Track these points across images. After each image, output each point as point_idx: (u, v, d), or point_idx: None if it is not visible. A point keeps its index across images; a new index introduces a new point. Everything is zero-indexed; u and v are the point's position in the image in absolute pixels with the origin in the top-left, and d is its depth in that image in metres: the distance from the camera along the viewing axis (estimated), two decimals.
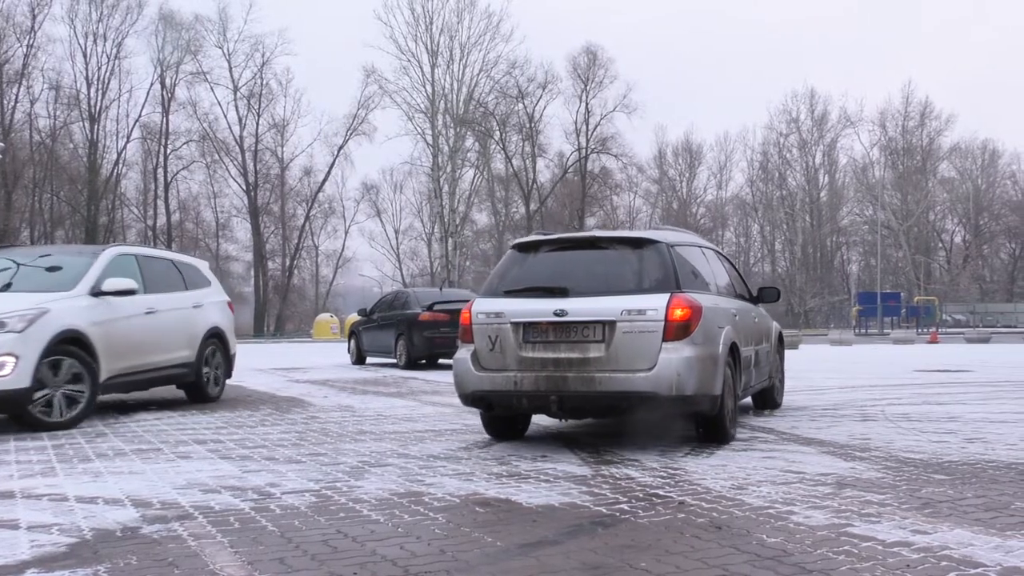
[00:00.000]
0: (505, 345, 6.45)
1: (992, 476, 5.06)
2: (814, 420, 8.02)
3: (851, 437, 6.81)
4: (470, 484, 5.08)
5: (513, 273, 6.80)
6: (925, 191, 78.91)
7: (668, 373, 6.04)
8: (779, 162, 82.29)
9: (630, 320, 6.15)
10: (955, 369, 15.50)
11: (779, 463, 5.64)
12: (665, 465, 5.62)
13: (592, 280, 6.47)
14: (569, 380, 6.19)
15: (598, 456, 6.06)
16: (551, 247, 6.86)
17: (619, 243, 6.71)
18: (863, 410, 8.81)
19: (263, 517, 4.29)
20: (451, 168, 61.89)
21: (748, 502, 4.45)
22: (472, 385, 6.57)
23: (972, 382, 12.47)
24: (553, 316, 6.30)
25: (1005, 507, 4.24)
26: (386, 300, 20.22)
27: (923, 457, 5.77)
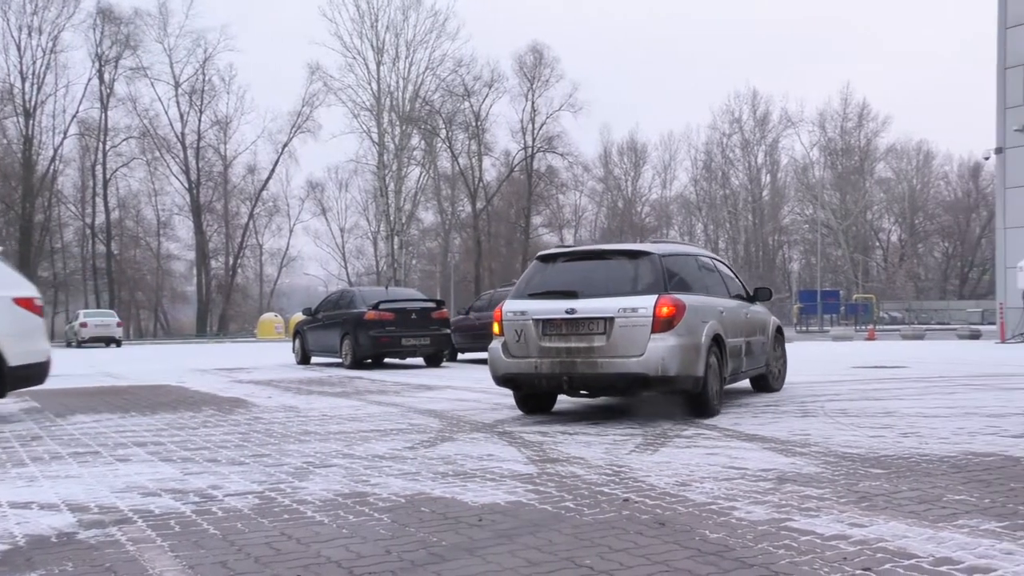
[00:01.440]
0: (528, 337, 8.16)
1: (926, 469, 5.20)
2: (756, 416, 8.15)
3: (791, 433, 6.94)
4: (416, 484, 5.07)
5: (536, 279, 8.53)
6: (863, 191, 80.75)
7: (655, 358, 7.69)
8: (722, 162, 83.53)
9: (625, 316, 7.80)
10: (891, 365, 15.88)
11: (722, 459, 5.72)
12: (610, 463, 5.67)
13: (597, 285, 8.12)
14: (577, 364, 7.89)
15: (544, 455, 6.08)
16: (567, 258, 8.58)
17: (620, 255, 8.41)
18: (803, 406, 8.98)
19: (205, 520, 4.23)
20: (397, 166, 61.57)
21: (691, 498, 4.51)
22: (503, 369, 8.32)
23: (907, 378, 12.78)
24: (565, 314, 7.99)
25: (938, 499, 4.36)
26: (331, 299, 20.06)
27: (860, 452, 5.90)
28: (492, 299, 20.19)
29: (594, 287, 8.11)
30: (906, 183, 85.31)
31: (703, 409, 8.13)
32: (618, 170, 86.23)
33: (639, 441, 6.65)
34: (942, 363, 16.44)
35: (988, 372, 13.57)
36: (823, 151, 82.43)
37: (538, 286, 8.44)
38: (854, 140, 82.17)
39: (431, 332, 17.88)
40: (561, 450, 6.26)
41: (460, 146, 68.75)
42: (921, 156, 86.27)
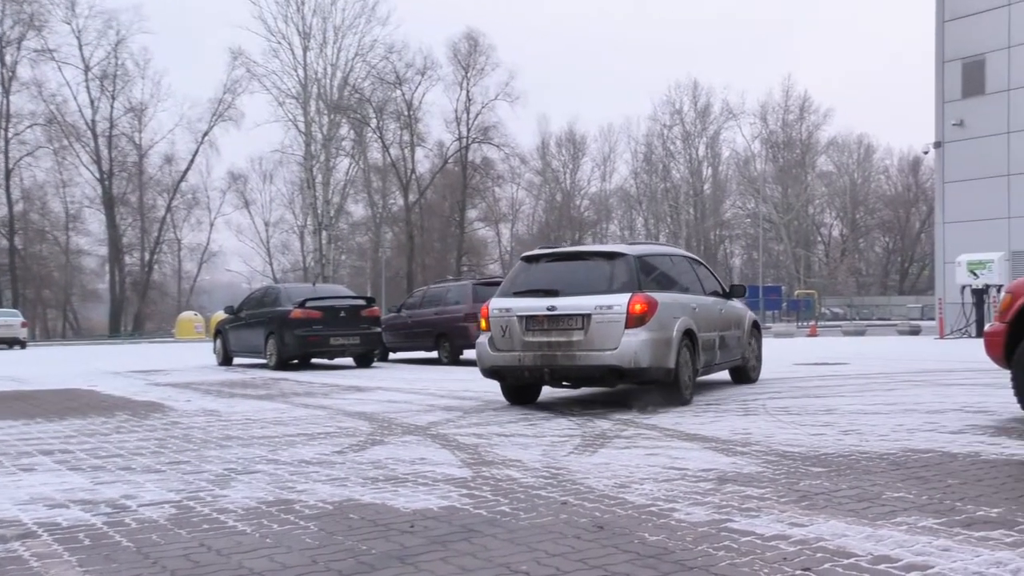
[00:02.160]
0: (513, 332, 9.15)
1: (865, 467, 5.34)
2: (697, 416, 8.28)
3: (733, 432, 7.06)
4: (344, 490, 5.03)
5: (520, 278, 9.53)
6: (804, 184, 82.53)
7: (628, 351, 8.67)
8: (663, 154, 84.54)
9: (601, 313, 8.79)
10: (833, 362, 16.27)
11: (662, 460, 5.79)
12: (548, 465, 5.70)
13: (576, 284, 9.13)
14: (558, 357, 8.88)
15: (479, 457, 6.09)
16: (549, 259, 9.61)
17: (597, 256, 9.48)
18: (745, 404, 9.15)
19: (117, 532, 4.13)
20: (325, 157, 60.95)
21: (631, 500, 4.56)
22: (489, 362, 9.33)
23: (848, 375, 13.11)
24: (546, 310, 8.98)
25: (877, 497, 4.48)
26: (255, 297, 19.80)
27: (801, 450, 6.04)
28: (425, 296, 20.17)
29: (573, 286, 9.13)
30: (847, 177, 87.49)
31: (675, 398, 9.19)
32: (556, 162, 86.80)
33: (578, 442, 6.70)
34: (882, 359, 16.90)
35: (927, 368, 13.99)
36: (764, 144, 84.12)
37: (522, 285, 9.45)
38: (795, 133, 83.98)
39: (361, 331, 17.78)
40: (497, 453, 6.27)
41: (391, 136, 68.47)
42: (862, 150, 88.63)
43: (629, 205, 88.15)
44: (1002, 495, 4.49)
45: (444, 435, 7.30)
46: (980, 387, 10.34)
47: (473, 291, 18.48)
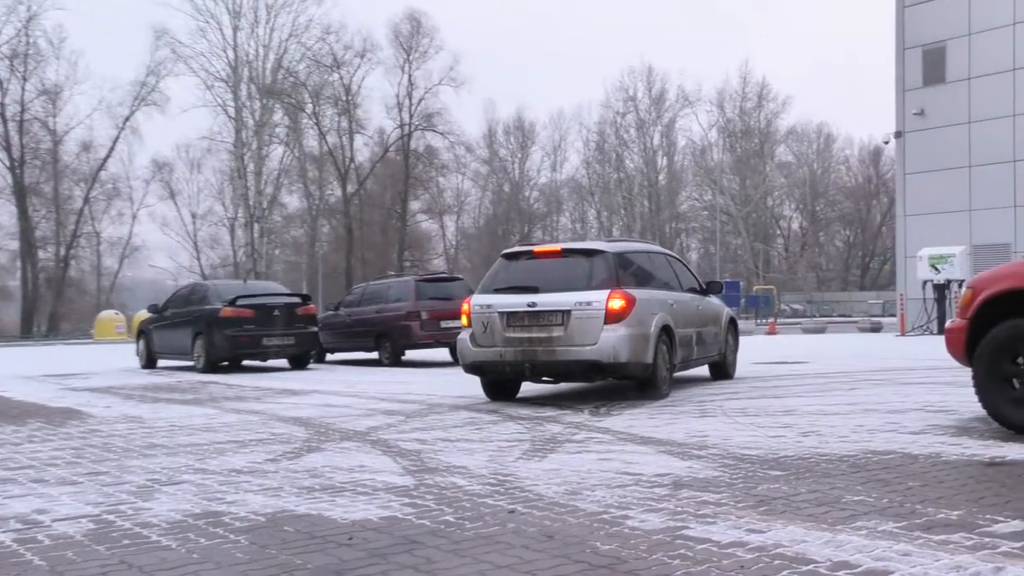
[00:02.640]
0: (494, 328, 9.96)
1: (825, 470, 5.44)
2: (652, 418, 8.35)
3: (688, 435, 7.14)
4: (278, 500, 4.99)
5: (501, 275, 10.37)
6: (763, 175, 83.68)
7: (607, 347, 9.49)
8: (616, 143, 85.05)
9: (581, 309, 9.60)
10: (792, 361, 16.53)
11: (615, 465, 5.84)
12: (495, 471, 5.71)
13: (556, 280, 9.96)
14: (538, 352, 9.72)
15: (422, 464, 6.08)
16: (529, 256, 10.45)
17: (577, 253, 10.29)
18: (702, 406, 9.26)
19: (28, 550, 4.05)
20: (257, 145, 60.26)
21: (582, 508, 4.58)
22: (471, 357, 10.15)
23: (808, 374, 13.34)
24: (527, 307, 9.80)
25: (836, 501, 4.57)
26: (181, 295, 19.55)
27: (759, 453, 6.13)
28: (365, 293, 20.08)
29: (553, 283, 9.94)
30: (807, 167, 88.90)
31: (653, 392, 10.05)
32: (504, 151, 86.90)
33: (526, 447, 6.72)
34: (843, 358, 17.21)
35: (888, 366, 14.29)
36: (722, 132, 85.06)
37: (502, 281, 10.27)
38: (753, 121, 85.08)
39: (296, 331, 17.66)
40: (441, 459, 6.27)
41: (329, 123, 67.92)
42: (822, 139, 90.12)
43: (581, 196, 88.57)
44: (963, 497, 4.60)
45: (385, 441, 7.27)
46: (941, 386, 10.59)
47: (416, 288, 18.46)
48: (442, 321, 18.00)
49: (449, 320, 17.90)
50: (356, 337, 19.32)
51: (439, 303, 18.27)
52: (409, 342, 18.19)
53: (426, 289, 18.62)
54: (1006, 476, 5.16)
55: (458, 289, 19.03)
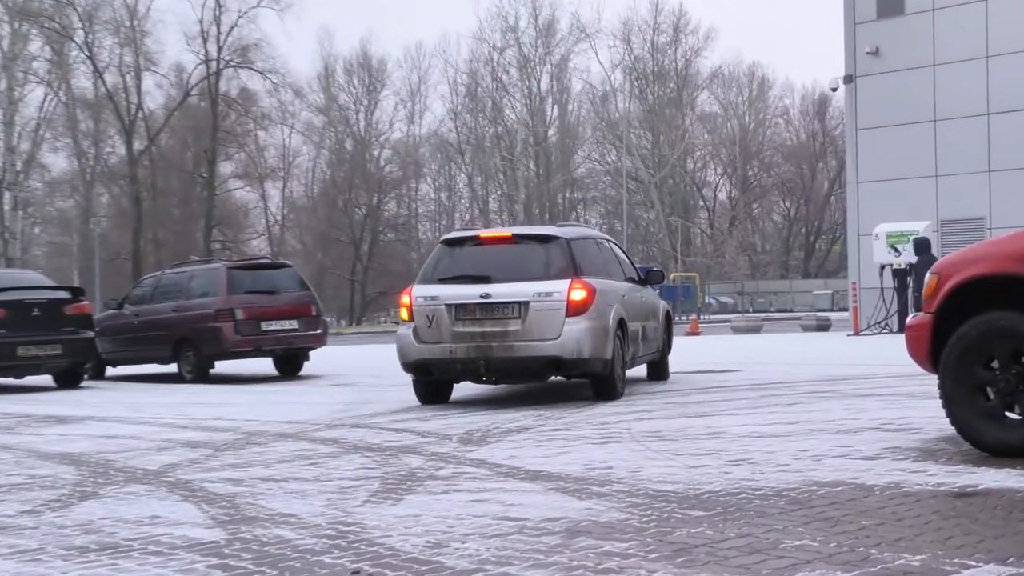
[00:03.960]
0: (441, 322, 11.35)
1: (759, 508, 5.59)
2: (540, 445, 8.43)
3: (587, 466, 7.23)
4: (37, 567, 4.86)
5: (444, 263, 11.89)
6: (682, 130, 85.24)
7: (570, 341, 11.09)
8: (493, 87, 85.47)
9: (540, 300, 11.16)
10: (719, 369, 16.92)
11: (492, 507, 5.87)
12: (335, 520, 5.68)
13: (509, 269, 11.50)
14: (494, 348, 11.21)
15: (237, 512, 6.00)
16: (475, 242, 12.11)
17: (530, 239, 12.13)
18: (604, 428, 9.39)
19: None
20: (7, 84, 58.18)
21: (449, 565, 4.60)
22: (414, 355, 11.52)
23: (739, 385, 13.68)
24: (479, 298, 11.26)
25: (773, 547, 4.70)
26: None
27: (677, 488, 6.25)
28: (159, 286, 19.70)
29: (506, 272, 11.46)
30: (736, 120, 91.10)
31: (610, 391, 11.77)
32: (346, 96, 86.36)
33: (376, 487, 6.71)
34: (782, 364, 17.71)
35: (838, 374, 14.77)
36: (628, 75, 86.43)
37: (447, 271, 11.77)
38: (669, 61, 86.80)
39: (64, 336, 17.25)
40: (263, 504, 6.20)
41: (108, 57, 66.09)
42: (755, 85, 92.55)
43: (447, 157, 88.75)
44: (927, 537, 4.80)
45: (187, 482, 7.16)
46: (903, 398, 11.01)
47: (228, 277, 18.19)
48: (264, 322, 17.81)
49: (274, 320, 17.75)
50: (147, 344, 18.93)
51: (260, 298, 18.06)
52: (219, 350, 17.92)
53: (242, 279, 18.36)
54: (978, 510, 5.40)
55: (285, 279, 18.86)
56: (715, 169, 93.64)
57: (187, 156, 72.16)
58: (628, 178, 79.19)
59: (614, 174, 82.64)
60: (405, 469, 7.44)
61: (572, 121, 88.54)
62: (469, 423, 10.18)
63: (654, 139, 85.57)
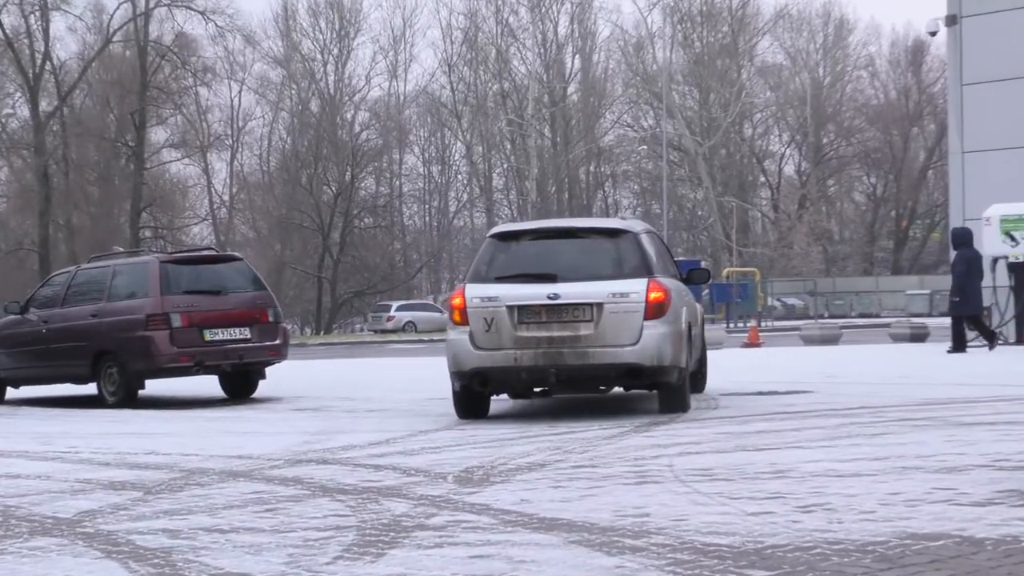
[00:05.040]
0: (501, 326, 12.58)
1: (837, 567, 5.56)
2: (558, 486, 8.40)
3: (618, 513, 7.20)
4: None
5: (500, 260, 13.27)
6: (737, 86, 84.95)
7: (650, 347, 12.43)
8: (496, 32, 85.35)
9: (615, 302, 12.49)
10: (784, 389, 16.83)
11: (498, 565, 5.86)
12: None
13: (577, 267, 12.97)
14: (565, 355, 12.53)
15: (174, 570, 6.00)
16: (532, 236, 13.77)
17: (596, 233, 13.87)
18: (640, 463, 9.35)
19: None
20: None
21: None
22: (471, 363, 12.74)
23: (810, 410, 13.62)
24: (547, 299, 12.56)
25: None
26: None
27: (733, 542, 6.22)
28: (74, 284, 19.60)
29: (573, 270, 12.93)
30: (806, 74, 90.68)
31: (684, 403, 13.34)
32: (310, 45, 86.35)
33: (351, 538, 6.69)
34: (866, 384, 17.62)
35: (937, 397, 14.68)
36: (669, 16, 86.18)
37: (505, 268, 13.14)
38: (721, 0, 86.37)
39: None
40: (207, 562, 6.19)
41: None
42: (831, 29, 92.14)
43: (440, 121, 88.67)
44: None
45: (110, 534, 7.15)
46: (1021, 427, 10.96)
47: (162, 273, 18.11)
48: (208, 330, 17.77)
49: (220, 328, 17.70)
50: (58, 359, 18.89)
51: (203, 300, 18.02)
52: (151, 366, 17.86)
53: (179, 276, 18.31)
54: None
55: (234, 276, 18.82)
56: (780, 136, 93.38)
57: (109, 120, 72.17)
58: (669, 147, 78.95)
59: (651, 142, 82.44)
60: (387, 516, 7.41)
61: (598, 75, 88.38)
62: (468, 458, 10.15)
63: (702, 98, 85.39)
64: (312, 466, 10.17)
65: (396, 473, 9.42)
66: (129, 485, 9.33)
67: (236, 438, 12.73)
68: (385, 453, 10.85)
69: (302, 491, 8.71)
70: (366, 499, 8.17)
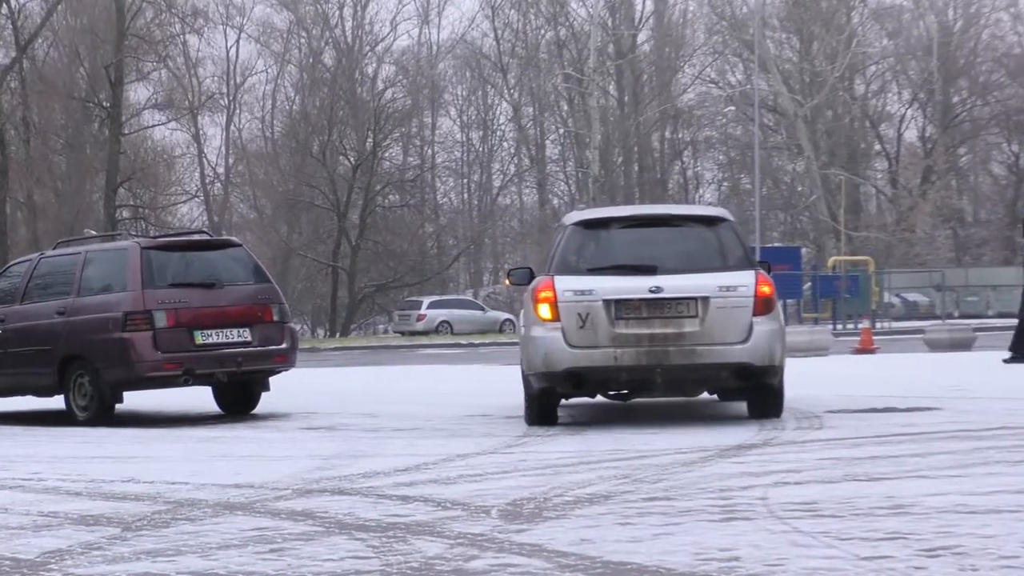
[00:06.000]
0: (597, 322, 13.74)
1: None
2: (626, 523, 8.40)
3: (700, 556, 7.20)
4: None
5: (591, 250, 14.62)
6: (847, 33, 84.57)
7: (761, 345, 13.74)
8: None
9: (723, 296, 13.77)
10: (904, 406, 16.78)
11: None
12: None
13: (676, 257, 14.21)
14: (670, 354, 13.65)
15: None
16: (622, 224, 15.04)
17: (693, 220, 15.27)
18: (726, 493, 9.35)
19: None
20: None
21: None
22: (566, 362, 13.83)
23: (937, 431, 13.56)
24: (648, 293, 13.75)
25: None
26: None
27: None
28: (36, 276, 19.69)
29: (674, 261, 14.22)
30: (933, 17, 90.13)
31: (777, 407, 14.69)
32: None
33: None
34: (1007, 399, 17.55)
35: None
36: None
37: (598, 259, 14.47)
38: None
39: None
40: None
41: None
42: None
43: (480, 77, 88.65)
44: None
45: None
46: None
47: (143, 262, 18.14)
48: (199, 331, 17.80)
49: (214, 329, 17.72)
50: (16, 366, 18.99)
51: (193, 294, 18.05)
52: (130, 375, 17.91)
53: (164, 265, 18.36)
54: None
55: (232, 266, 18.84)
56: (899, 94, 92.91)
57: (78, 75, 72.56)
58: (763, 109, 78.74)
59: (740, 102, 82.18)
60: (417, 559, 7.43)
61: (675, 20, 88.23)
62: (516, 487, 10.15)
63: (803, 48, 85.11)
64: (326, 497, 10.19)
65: (428, 506, 9.43)
66: (104, 520, 9.35)
67: (234, 463, 12.78)
68: (415, 481, 10.86)
69: (314, 528, 8.72)
70: (392, 538, 8.19)
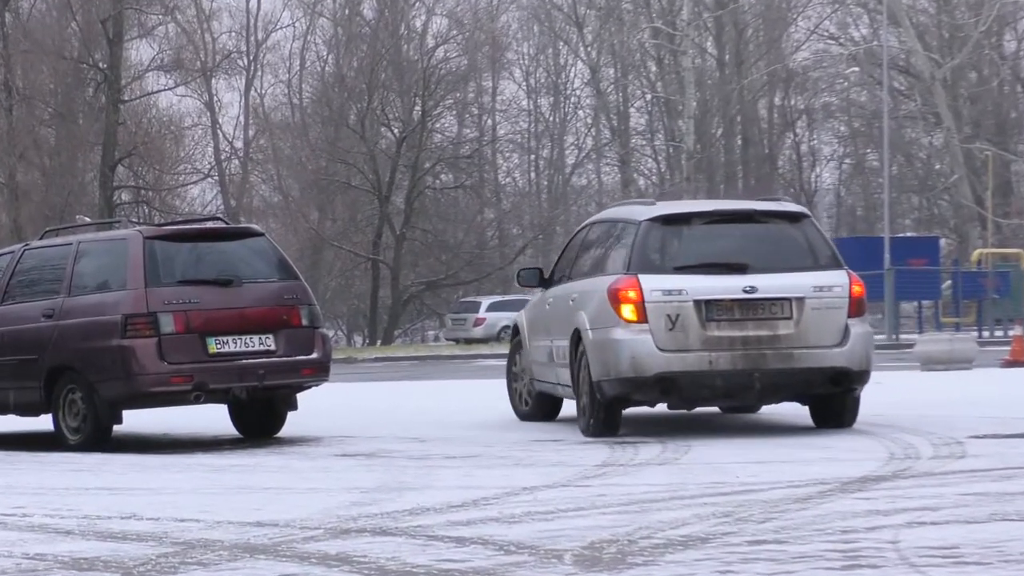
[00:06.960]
0: (687, 324, 15.17)
1: None
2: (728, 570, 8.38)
3: None
4: None
5: (675, 247, 16.03)
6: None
7: (858, 348, 15.56)
8: None
9: (818, 296, 15.37)
10: None
11: None
12: None
13: (766, 256, 15.77)
14: (768, 358, 15.20)
15: None
16: (704, 220, 16.65)
17: (778, 217, 16.74)
18: (847, 539, 9.32)
19: None
20: None
21: None
22: (657, 367, 15.25)
23: None
24: (742, 293, 15.29)
25: None
26: None
27: None
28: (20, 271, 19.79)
29: (764, 259, 15.72)
30: None
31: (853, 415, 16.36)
32: None
33: None
34: None
35: None
36: None
37: (683, 257, 15.87)
38: None
39: None
40: None
41: None
42: None
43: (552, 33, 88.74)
44: None
45: None
46: None
47: (146, 255, 18.19)
48: (213, 337, 17.82)
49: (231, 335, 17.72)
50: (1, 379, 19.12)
51: (206, 293, 18.09)
52: (131, 390, 17.97)
53: (172, 259, 18.42)
54: None
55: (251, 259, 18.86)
56: None
57: (70, 31, 73.05)
58: (893, 70, 78.49)
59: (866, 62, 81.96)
60: None
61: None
62: (595, 527, 10.12)
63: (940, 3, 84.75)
64: (366, 538, 10.21)
65: (489, 549, 9.43)
66: (100, 564, 9.41)
67: (255, 496, 12.83)
68: (472, 520, 10.86)
69: (351, 575, 8.76)
70: None
